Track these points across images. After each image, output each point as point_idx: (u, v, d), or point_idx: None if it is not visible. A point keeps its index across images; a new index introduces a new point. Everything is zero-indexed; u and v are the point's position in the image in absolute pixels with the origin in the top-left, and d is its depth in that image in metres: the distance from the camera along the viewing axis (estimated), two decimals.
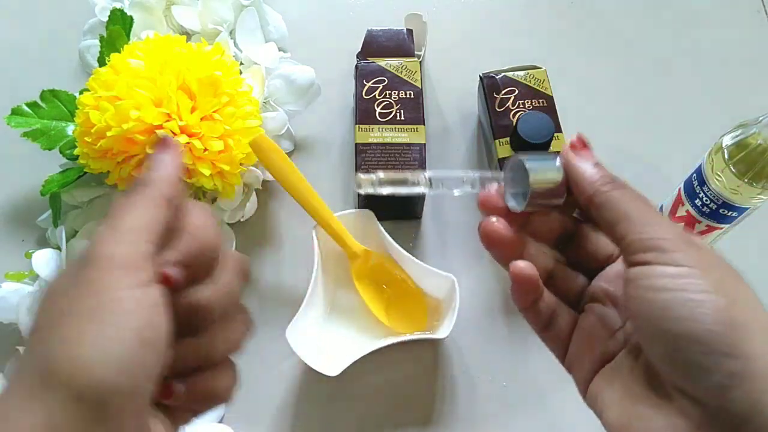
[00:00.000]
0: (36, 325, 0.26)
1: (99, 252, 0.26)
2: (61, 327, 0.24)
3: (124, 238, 0.26)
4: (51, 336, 0.24)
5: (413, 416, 0.50)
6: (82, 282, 0.25)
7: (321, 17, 0.71)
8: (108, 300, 0.24)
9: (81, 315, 0.24)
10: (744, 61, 0.68)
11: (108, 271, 0.25)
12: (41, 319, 0.26)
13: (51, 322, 0.25)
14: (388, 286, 0.52)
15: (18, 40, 0.69)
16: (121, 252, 0.26)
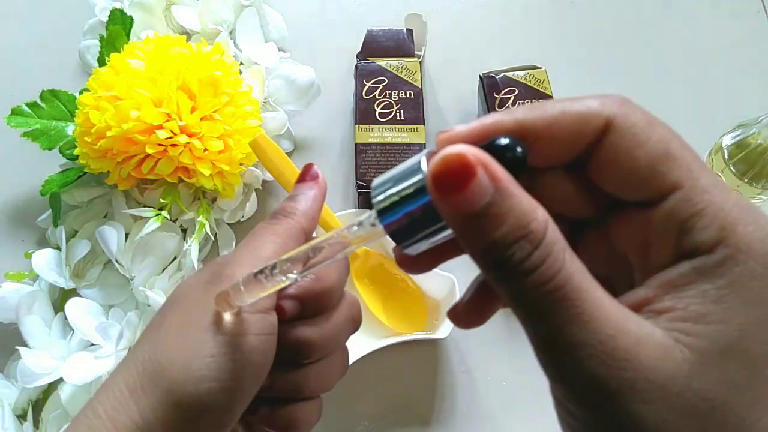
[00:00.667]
0: (158, 321, 0.27)
1: (230, 271, 0.27)
2: (181, 333, 0.26)
3: (256, 264, 0.27)
4: (170, 339, 0.26)
5: (413, 416, 0.50)
6: (209, 296, 0.26)
7: (321, 17, 0.71)
8: (229, 320, 0.26)
9: (202, 327, 0.26)
10: (744, 61, 0.68)
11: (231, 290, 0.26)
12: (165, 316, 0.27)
13: (173, 325, 0.26)
14: (388, 287, 0.52)
15: (18, 40, 0.69)
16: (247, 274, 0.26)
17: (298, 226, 0.29)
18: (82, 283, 0.52)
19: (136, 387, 0.25)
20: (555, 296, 0.17)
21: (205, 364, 0.25)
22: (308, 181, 0.32)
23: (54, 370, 0.47)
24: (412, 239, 0.21)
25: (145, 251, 0.52)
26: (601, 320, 0.17)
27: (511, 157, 0.18)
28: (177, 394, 0.24)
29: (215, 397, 0.25)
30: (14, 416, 0.48)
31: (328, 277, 0.29)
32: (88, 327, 0.49)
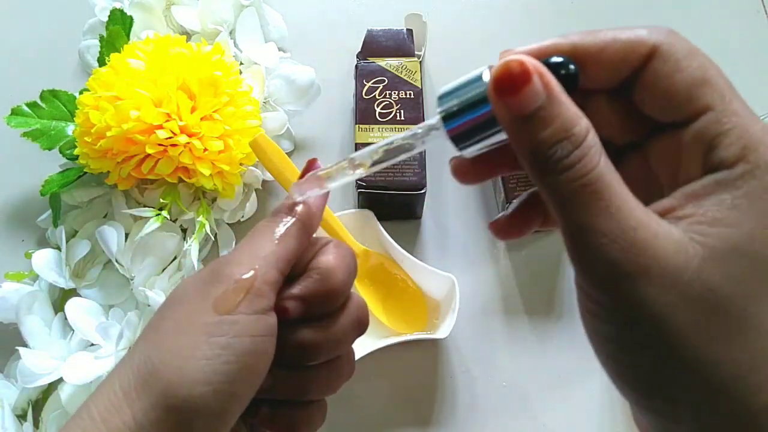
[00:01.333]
0: (156, 322, 0.27)
1: (228, 271, 0.26)
2: (176, 335, 0.25)
3: (255, 263, 0.26)
4: (165, 341, 0.25)
5: (413, 416, 0.50)
6: (206, 296, 0.26)
7: (321, 17, 0.71)
8: (225, 321, 0.25)
9: (197, 329, 0.25)
10: (744, 61, 0.68)
11: (232, 293, 0.26)
12: (162, 317, 0.27)
13: (169, 326, 0.26)
14: (388, 287, 0.52)
15: (18, 40, 0.69)
16: (245, 276, 0.26)
17: (300, 224, 0.29)
18: (82, 283, 0.52)
19: (130, 389, 0.25)
20: (588, 189, 0.20)
21: (199, 368, 0.24)
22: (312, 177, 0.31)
23: (54, 370, 0.47)
24: (469, 141, 0.24)
25: (145, 251, 0.52)
26: (625, 213, 0.19)
27: (564, 73, 0.21)
28: (170, 397, 0.24)
29: (208, 401, 0.24)
30: (14, 416, 0.48)
31: (334, 278, 0.28)
32: (88, 327, 0.49)
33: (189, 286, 0.28)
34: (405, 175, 0.53)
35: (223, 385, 0.24)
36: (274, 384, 0.28)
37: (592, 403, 0.51)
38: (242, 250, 0.27)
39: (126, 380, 0.25)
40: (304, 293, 0.28)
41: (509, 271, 0.56)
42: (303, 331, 0.28)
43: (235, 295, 0.26)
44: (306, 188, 0.30)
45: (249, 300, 0.26)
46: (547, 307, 0.55)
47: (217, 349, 0.25)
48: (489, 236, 0.58)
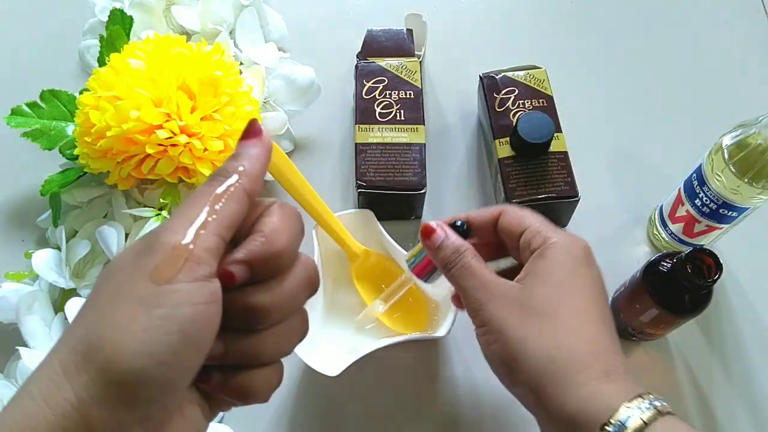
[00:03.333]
0: (92, 297, 0.26)
1: (164, 240, 0.25)
2: (113, 308, 0.25)
3: (192, 230, 0.25)
4: (102, 315, 0.25)
5: (413, 415, 0.50)
6: (142, 267, 0.25)
7: (321, 17, 0.71)
8: (163, 291, 0.24)
9: (134, 300, 0.24)
10: (744, 61, 0.68)
11: (169, 261, 0.25)
12: (98, 292, 0.26)
13: (105, 300, 0.25)
14: (388, 285, 0.52)
15: (18, 40, 0.69)
16: (182, 243, 0.25)
17: (240, 187, 0.27)
18: (82, 283, 0.52)
19: (69, 365, 0.24)
20: (465, 270, 0.39)
21: (138, 340, 0.23)
22: (251, 138, 0.30)
23: None
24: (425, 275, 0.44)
25: None
26: (483, 277, 0.39)
27: (460, 227, 0.41)
28: (110, 372, 0.23)
29: (151, 373, 0.24)
30: None
31: (279, 240, 0.28)
32: None
33: (123, 258, 0.26)
34: (405, 175, 0.53)
35: (165, 356, 0.24)
36: (226, 350, 0.27)
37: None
38: (179, 216, 0.26)
39: (64, 357, 0.24)
40: (248, 257, 0.27)
41: None
42: (250, 295, 0.27)
43: (173, 263, 0.25)
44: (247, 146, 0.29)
45: (188, 268, 0.25)
46: None
47: (157, 320, 0.24)
48: None
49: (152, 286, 0.24)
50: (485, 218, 0.42)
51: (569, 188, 0.53)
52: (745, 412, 0.50)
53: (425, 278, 0.43)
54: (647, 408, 0.33)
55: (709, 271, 0.42)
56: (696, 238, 0.53)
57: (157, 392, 0.24)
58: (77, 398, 0.23)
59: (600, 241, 0.57)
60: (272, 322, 0.28)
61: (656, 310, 0.46)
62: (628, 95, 0.66)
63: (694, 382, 0.52)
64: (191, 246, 0.25)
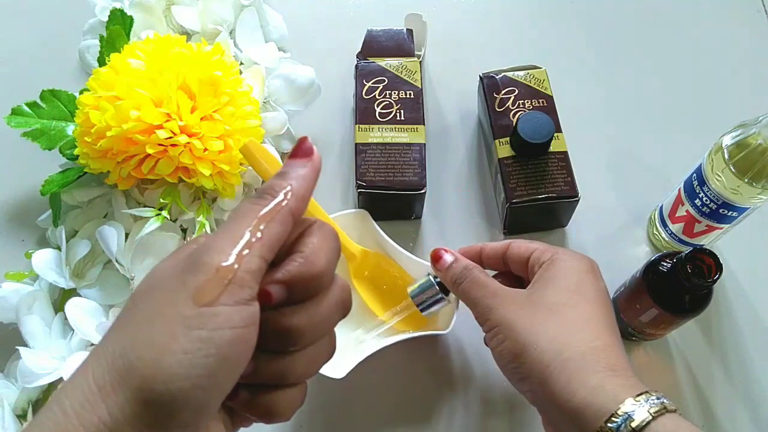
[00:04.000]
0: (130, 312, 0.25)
1: (209, 260, 0.25)
2: (152, 327, 0.24)
3: (236, 251, 0.25)
4: (141, 334, 0.24)
5: (414, 415, 0.50)
6: (184, 286, 0.24)
7: (321, 17, 0.71)
8: (204, 313, 0.24)
9: (174, 321, 0.24)
10: (744, 61, 0.68)
11: (213, 283, 0.24)
12: (137, 307, 0.25)
13: (144, 317, 0.25)
14: (388, 285, 0.52)
15: (18, 40, 0.69)
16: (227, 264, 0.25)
17: (286, 208, 0.27)
18: (82, 283, 0.52)
19: (104, 383, 0.23)
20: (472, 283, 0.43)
21: (176, 361, 0.23)
22: (300, 157, 0.29)
23: (54, 370, 0.47)
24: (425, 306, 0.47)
25: (145, 251, 0.52)
26: (491, 286, 0.42)
27: None
28: (146, 392, 0.23)
29: (187, 395, 0.23)
30: (14, 416, 0.48)
31: (318, 261, 0.27)
32: (88, 327, 0.49)
33: (164, 272, 0.26)
34: (405, 175, 0.53)
35: (203, 378, 0.23)
36: (256, 369, 0.27)
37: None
38: (224, 234, 0.26)
39: (100, 373, 0.24)
40: (287, 278, 0.26)
41: None
42: (286, 316, 0.27)
43: (216, 285, 0.24)
44: (296, 166, 0.28)
45: (230, 290, 0.24)
46: None
47: (197, 343, 0.23)
48: (489, 236, 0.58)
49: (194, 307, 0.24)
50: (494, 250, 0.46)
51: (569, 188, 0.53)
52: (745, 412, 0.50)
53: (424, 311, 0.47)
54: (654, 403, 0.34)
55: (709, 271, 0.42)
56: (696, 238, 0.53)
57: (192, 415, 0.24)
58: (111, 419, 0.23)
59: (600, 241, 0.58)
60: (305, 344, 0.28)
61: (656, 310, 0.46)
62: (628, 95, 0.66)
63: (694, 382, 0.52)
64: (235, 267, 0.25)
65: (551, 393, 0.36)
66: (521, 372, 0.39)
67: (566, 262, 0.41)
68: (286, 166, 0.29)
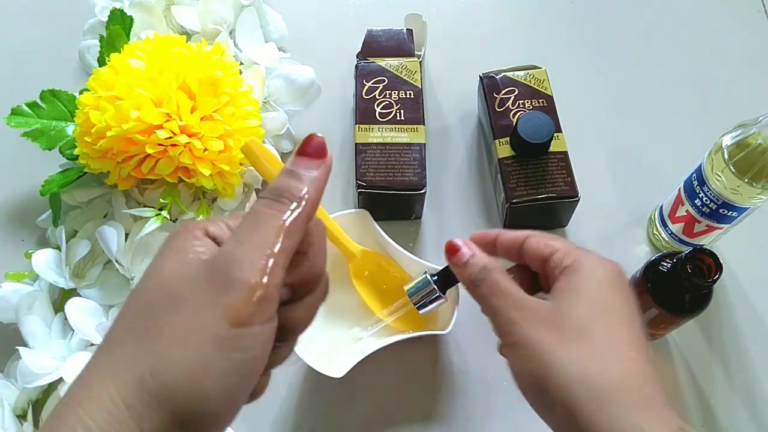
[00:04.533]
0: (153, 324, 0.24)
1: (239, 275, 0.24)
2: (186, 347, 0.24)
3: (266, 266, 0.24)
4: (174, 353, 0.24)
5: (414, 415, 0.50)
6: (216, 303, 0.24)
7: (321, 17, 0.71)
8: (239, 334, 0.24)
9: (210, 342, 0.23)
10: (744, 61, 0.68)
11: (248, 303, 0.24)
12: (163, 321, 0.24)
13: (175, 335, 0.24)
14: (388, 285, 0.52)
15: (18, 40, 0.69)
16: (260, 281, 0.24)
17: (304, 216, 0.26)
18: (82, 283, 0.52)
19: (135, 404, 0.23)
20: (492, 288, 0.37)
21: (214, 383, 0.23)
22: (313, 156, 0.28)
23: (54, 370, 0.47)
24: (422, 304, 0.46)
25: (145, 251, 0.52)
26: (513, 295, 0.37)
27: None
28: (184, 414, 0.23)
29: (222, 414, 0.24)
30: (14, 416, 0.48)
31: (320, 263, 0.28)
32: (88, 327, 0.49)
33: (186, 281, 0.25)
34: (405, 175, 0.53)
35: (237, 396, 0.24)
36: None
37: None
38: (250, 245, 0.25)
39: (127, 392, 0.23)
40: (295, 280, 0.27)
41: None
42: (287, 315, 0.27)
43: (249, 303, 0.24)
44: (310, 167, 0.27)
45: (262, 308, 0.24)
46: None
47: (232, 363, 0.24)
48: None
49: (228, 327, 0.24)
50: (510, 240, 0.40)
51: (569, 188, 0.53)
52: (745, 412, 0.50)
53: (420, 309, 0.46)
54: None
55: (709, 271, 0.42)
56: (696, 238, 0.53)
57: (221, 428, 0.24)
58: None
59: (600, 241, 0.58)
60: (298, 335, 0.29)
61: (656, 310, 0.46)
62: (628, 95, 0.66)
63: (694, 382, 0.52)
64: (265, 282, 0.24)
65: (580, 428, 0.32)
66: (544, 398, 0.35)
67: (592, 272, 0.36)
68: (297, 164, 0.28)
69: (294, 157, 0.28)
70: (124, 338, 0.25)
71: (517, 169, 0.54)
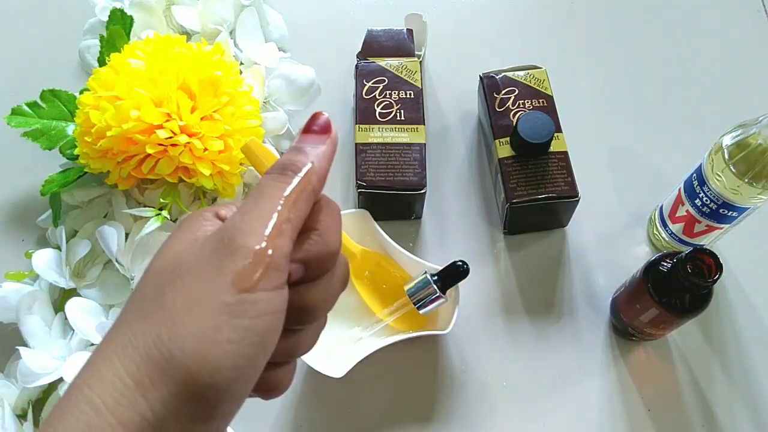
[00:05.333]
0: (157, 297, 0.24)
1: (243, 242, 0.24)
2: (191, 316, 0.23)
3: (271, 234, 0.24)
4: (179, 323, 0.23)
5: (414, 415, 0.50)
6: (222, 272, 0.23)
7: (321, 17, 0.71)
8: (245, 300, 0.23)
9: (216, 309, 0.23)
10: (744, 61, 0.68)
11: (252, 268, 0.23)
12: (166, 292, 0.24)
13: (180, 305, 0.23)
14: (387, 285, 0.52)
15: (18, 40, 0.69)
16: (263, 247, 0.24)
17: (310, 188, 0.26)
18: (82, 283, 0.52)
19: (141, 377, 0.22)
20: None
21: (222, 353, 0.22)
22: (318, 133, 0.28)
23: (54, 370, 0.47)
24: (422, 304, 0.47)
25: (145, 251, 0.52)
26: None
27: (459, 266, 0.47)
28: (192, 386, 0.22)
29: (233, 386, 0.23)
30: (14, 416, 0.48)
31: (333, 240, 0.27)
32: (88, 327, 0.49)
33: (190, 255, 0.25)
34: (405, 175, 0.53)
35: (247, 368, 0.23)
36: None
37: (592, 403, 0.51)
38: (254, 214, 0.25)
39: (133, 366, 0.22)
40: (306, 257, 0.26)
41: (509, 271, 0.56)
42: (304, 293, 0.26)
43: (254, 270, 0.23)
44: (315, 143, 0.27)
45: (269, 275, 0.23)
46: (547, 307, 0.55)
47: (241, 332, 0.23)
48: (489, 236, 0.58)
49: (235, 294, 0.23)
50: None
51: (569, 188, 0.53)
52: (745, 412, 0.50)
53: (420, 309, 0.47)
54: None
55: (709, 271, 0.42)
56: (696, 238, 0.53)
57: (234, 404, 0.24)
58: (154, 415, 0.22)
59: (600, 241, 0.58)
60: (316, 320, 0.28)
61: (656, 310, 0.46)
62: (628, 95, 0.66)
63: (694, 382, 0.52)
64: (270, 251, 0.24)
65: None
66: None
67: None
68: (302, 140, 0.27)
69: (299, 135, 0.28)
70: (131, 315, 0.24)
71: (517, 169, 0.54)
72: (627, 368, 0.52)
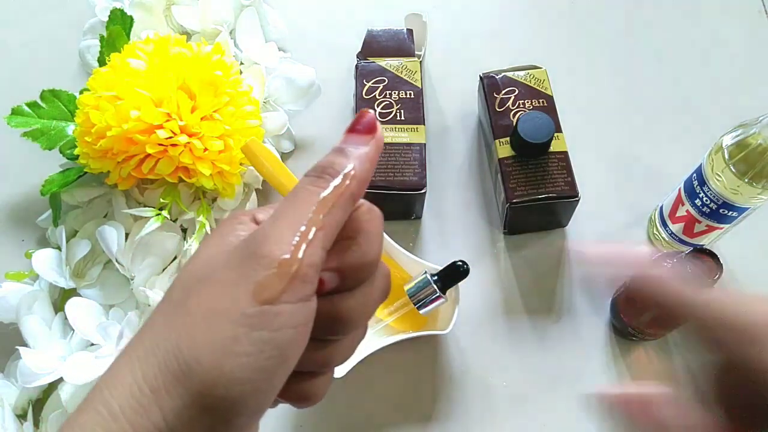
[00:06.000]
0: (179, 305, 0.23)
1: (269, 252, 0.23)
2: (210, 326, 0.22)
3: (299, 242, 0.23)
4: (197, 333, 0.22)
5: (413, 415, 0.50)
6: (244, 281, 0.23)
7: (321, 17, 0.71)
8: (266, 312, 0.22)
9: (235, 320, 0.22)
10: (744, 61, 0.68)
11: (275, 278, 0.22)
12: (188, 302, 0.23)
13: (200, 315, 0.23)
14: None
15: (18, 40, 0.69)
16: (289, 257, 0.23)
17: (347, 192, 0.24)
18: (82, 283, 0.52)
19: (158, 386, 0.22)
20: None
21: (238, 365, 0.22)
22: (362, 133, 0.26)
23: (54, 370, 0.47)
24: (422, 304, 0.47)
25: (145, 251, 0.52)
26: None
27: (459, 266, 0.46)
28: (206, 397, 0.22)
29: (248, 400, 0.22)
30: (14, 416, 0.48)
31: (373, 249, 0.26)
32: (88, 327, 0.49)
33: (218, 262, 0.24)
34: (405, 175, 0.53)
35: (263, 382, 0.22)
36: (301, 360, 0.24)
37: (592, 404, 0.51)
38: (284, 220, 0.23)
39: (152, 374, 0.22)
40: (342, 265, 0.25)
41: (509, 271, 0.56)
42: (339, 303, 0.25)
43: (278, 280, 0.22)
44: (358, 143, 0.26)
45: (293, 287, 0.22)
46: (547, 307, 0.55)
47: (259, 344, 0.22)
48: (489, 236, 0.58)
49: (255, 305, 0.22)
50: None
51: (569, 188, 0.53)
52: None
53: (420, 309, 0.47)
54: None
55: (709, 271, 0.42)
56: (696, 238, 0.53)
57: (249, 418, 0.23)
58: (167, 425, 0.22)
59: (600, 241, 0.58)
60: (352, 331, 0.26)
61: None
62: (628, 95, 0.66)
63: (694, 382, 0.51)
64: (298, 259, 0.23)
65: None
66: None
67: None
68: (345, 141, 0.26)
69: (344, 135, 0.27)
70: (156, 320, 0.24)
71: (517, 169, 0.54)
72: (627, 368, 0.52)
